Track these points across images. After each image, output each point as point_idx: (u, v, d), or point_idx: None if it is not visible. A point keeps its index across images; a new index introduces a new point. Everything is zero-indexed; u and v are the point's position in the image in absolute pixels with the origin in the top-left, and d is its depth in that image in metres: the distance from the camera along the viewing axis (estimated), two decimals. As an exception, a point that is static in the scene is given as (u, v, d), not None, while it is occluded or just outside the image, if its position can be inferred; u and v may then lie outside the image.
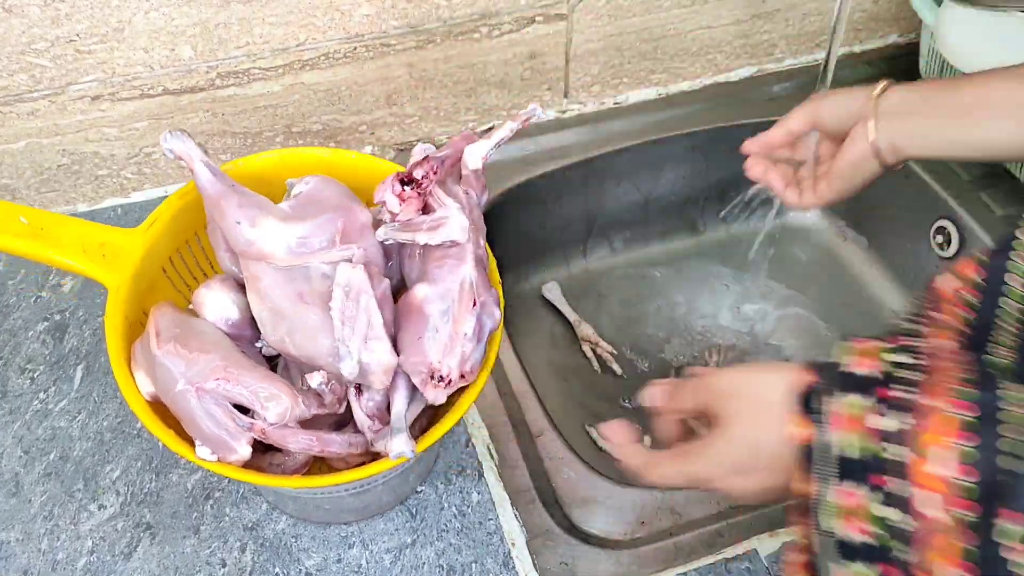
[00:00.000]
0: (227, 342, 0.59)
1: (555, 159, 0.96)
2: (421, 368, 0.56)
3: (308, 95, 0.88)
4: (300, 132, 0.91)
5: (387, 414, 0.58)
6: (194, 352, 0.55)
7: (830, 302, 1.02)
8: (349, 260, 0.57)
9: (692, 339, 1.00)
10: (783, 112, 0.70)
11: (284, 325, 0.57)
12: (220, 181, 0.59)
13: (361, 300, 0.55)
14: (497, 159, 0.70)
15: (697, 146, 1.01)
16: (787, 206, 0.71)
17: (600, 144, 0.97)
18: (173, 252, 0.67)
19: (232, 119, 0.88)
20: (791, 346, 0.99)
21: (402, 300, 0.59)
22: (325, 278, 0.57)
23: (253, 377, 0.55)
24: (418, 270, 0.60)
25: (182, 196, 0.66)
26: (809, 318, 1.02)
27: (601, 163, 0.98)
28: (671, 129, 0.99)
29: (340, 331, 0.55)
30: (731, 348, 0.98)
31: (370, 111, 0.92)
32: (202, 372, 0.55)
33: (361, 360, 0.55)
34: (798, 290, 1.04)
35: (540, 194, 0.98)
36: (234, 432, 0.55)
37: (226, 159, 0.91)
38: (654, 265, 1.07)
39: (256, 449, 0.56)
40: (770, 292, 1.04)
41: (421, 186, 0.58)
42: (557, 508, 0.70)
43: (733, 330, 1.01)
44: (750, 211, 0.90)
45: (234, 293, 0.62)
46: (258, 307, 0.59)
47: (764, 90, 1.03)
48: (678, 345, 1.00)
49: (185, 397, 0.54)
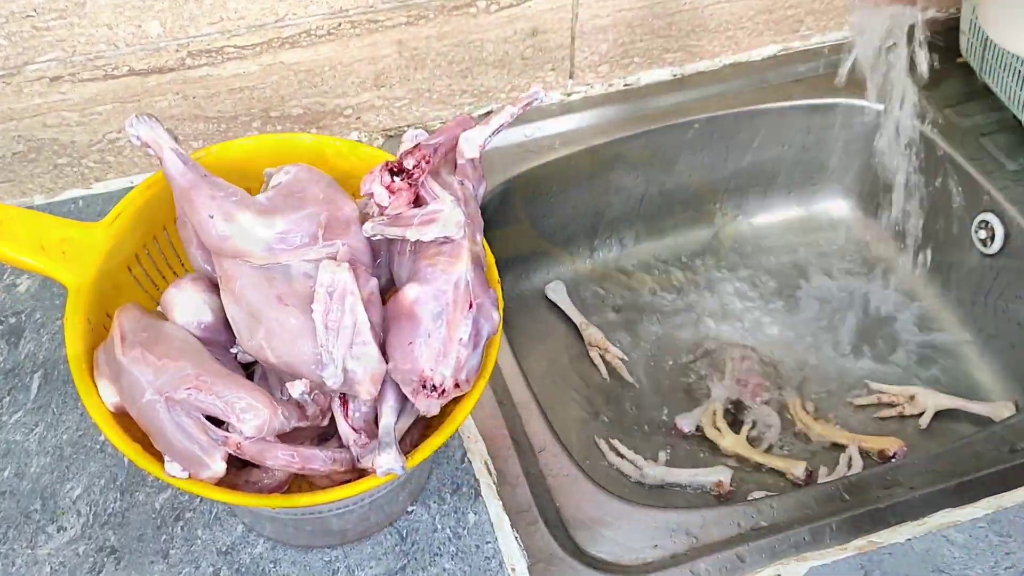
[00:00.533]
0: (199, 348, 0.59)
1: (559, 147, 0.96)
2: (412, 376, 0.56)
3: (288, 76, 0.88)
4: (279, 117, 0.91)
5: (375, 427, 0.58)
6: (163, 359, 0.56)
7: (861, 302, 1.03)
8: (333, 258, 0.57)
9: (709, 344, 1.00)
10: (810, 95, 0.70)
11: (262, 329, 0.57)
12: (191, 171, 0.59)
13: (346, 302, 0.55)
14: (495, 147, 0.70)
15: (716, 132, 1.01)
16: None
17: (608, 130, 0.98)
18: (140, 249, 0.67)
19: (204, 102, 0.88)
20: (816, 351, 0.99)
21: (391, 302, 0.59)
22: (307, 277, 0.57)
23: (228, 386, 0.55)
24: (409, 269, 0.60)
25: (149, 187, 0.66)
26: (833, 320, 1.02)
27: (610, 151, 0.98)
28: (687, 114, 0.99)
29: (323, 336, 0.55)
30: (750, 354, 0.99)
31: (356, 94, 0.92)
32: (172, 380, 0.55)
33: (346, 368, 0.55)
34: (825, 294, 1.04)
35: (543, 185, 0.98)
36: (207, 446, 0.55)
37: (198, 146, 0.91)
38: (668, 263, 1.07)
39: (231, 465, 0.56)
40: (794, 292, 1.04)
41: (412, 177, 0.58)
42: (561, 530, 0.70)
43: (754, 335, 1.01)
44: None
45: (207, 294, 0.62)
46: (233, 309, 0.59)
47: (789, 70, 1.03)
48: (694, 351, 1.00)
49: (153, 408, 0.54)
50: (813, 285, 1.05)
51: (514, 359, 0.81)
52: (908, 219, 1.02)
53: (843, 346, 1.00)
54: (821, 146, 1.05)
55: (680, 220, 1.07)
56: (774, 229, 1.09)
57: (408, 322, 0.57)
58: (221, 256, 0.59)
